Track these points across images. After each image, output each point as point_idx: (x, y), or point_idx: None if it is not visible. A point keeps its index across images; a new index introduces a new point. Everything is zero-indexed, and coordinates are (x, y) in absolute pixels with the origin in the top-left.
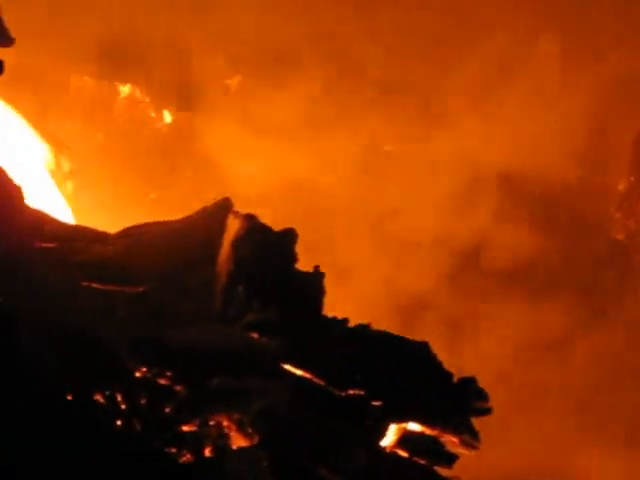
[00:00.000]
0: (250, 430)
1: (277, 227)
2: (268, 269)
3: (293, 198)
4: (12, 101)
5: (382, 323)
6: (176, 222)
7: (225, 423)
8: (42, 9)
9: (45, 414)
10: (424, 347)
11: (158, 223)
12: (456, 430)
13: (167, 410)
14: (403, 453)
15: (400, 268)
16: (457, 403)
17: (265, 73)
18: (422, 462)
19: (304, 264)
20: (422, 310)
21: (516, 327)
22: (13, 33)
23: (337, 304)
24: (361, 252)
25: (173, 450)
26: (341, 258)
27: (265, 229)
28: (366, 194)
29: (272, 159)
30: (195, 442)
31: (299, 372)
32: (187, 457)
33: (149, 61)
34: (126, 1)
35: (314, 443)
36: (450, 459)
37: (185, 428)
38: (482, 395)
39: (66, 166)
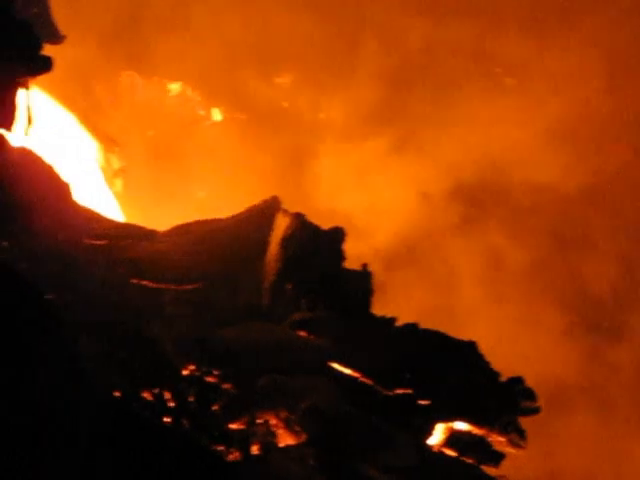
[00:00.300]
0: (297, 428)
1: (326, 226)
2: (316, 268)
3: (342, 197)
4: (63, 99)
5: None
6: (224, 220)
7: (272, 421)
8: (93, 7)
9: (94, 411)
10: (471, 346)
11: (206, 221)
12: (503, 429)
13: (215, 408)
14: (451, 452)
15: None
16: (504, 403)
17: (316, 74)
18: (469, 461)
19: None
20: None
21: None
22: (64, 31)
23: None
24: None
25: (221, 448)
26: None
27: (314, 228)
28: None
29: (319, 158)
30: (242, 440)
31: (347, 371)
32: (234, 455)
33: (199, 60)
34: (180, 2)
35: (361, 442)
36: (497, 458)
37: (233, 426)
38: (530, 395)
39: (116, 164)
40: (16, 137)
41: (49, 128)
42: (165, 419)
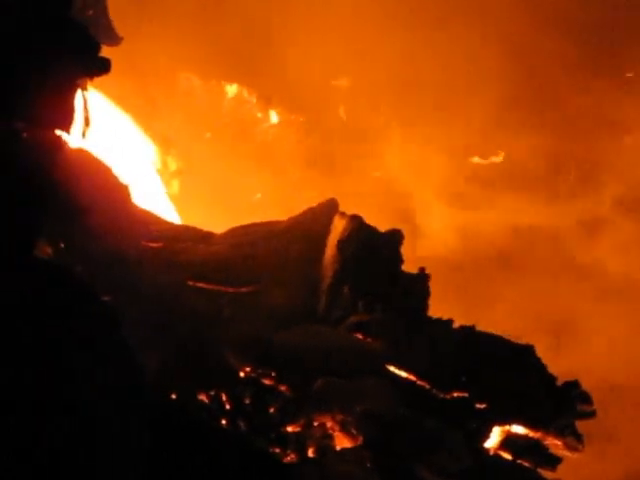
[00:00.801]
0: (354, 431)
1: (382, 228)
2: (374, 270)
3: (393, 199)
4: (120, 101)
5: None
6: (282, 222)
7: (329, 424)
8: (151, 10)
9: (151, 413)
10: (528, 350)
11: (264, 223)
12: (560, 433)
13: (271, 410)
14: (507, 455)
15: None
16: (561, 406)
17: (375, 78)
18: (526, 464)
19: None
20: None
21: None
22: (121, 33)
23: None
24: None
25: (277, 450)
26: None
27: (371, 230)
28: None
29: (376, 160)
30: (299, 442)
31: (403, 373)
32: (291, 457)
33: (256, 62)
34: (236, 3)
35: (417, 444)
36: (554, 461)
37: (289, 428)
38: (586, 398)
39: (173, 166)
40: (74, 139)
41: (107, 130)
42: (222, 421)
